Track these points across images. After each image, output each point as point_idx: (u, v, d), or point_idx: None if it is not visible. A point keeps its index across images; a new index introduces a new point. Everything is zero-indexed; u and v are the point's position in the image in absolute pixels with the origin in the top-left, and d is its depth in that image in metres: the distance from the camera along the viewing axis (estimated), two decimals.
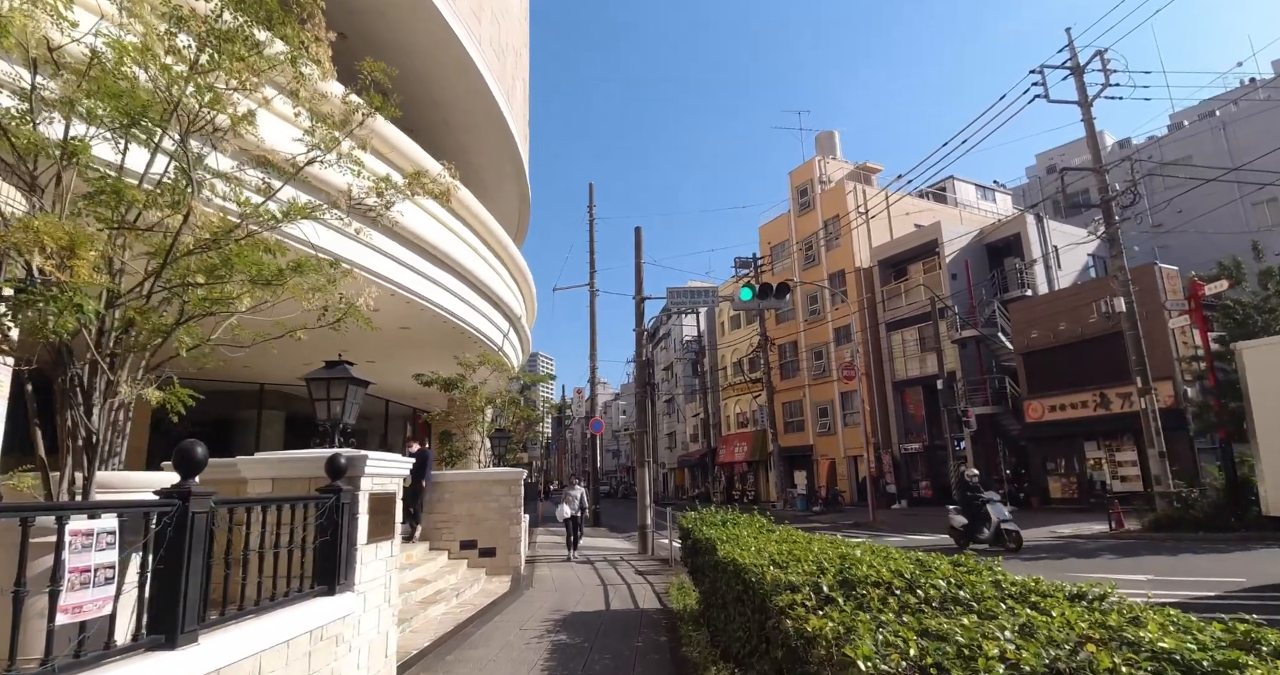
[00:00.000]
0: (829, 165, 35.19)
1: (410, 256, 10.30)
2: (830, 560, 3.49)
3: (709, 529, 6.24)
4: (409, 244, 10.25)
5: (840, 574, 3.03)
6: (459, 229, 11.73)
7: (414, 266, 10.39)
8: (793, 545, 4.61)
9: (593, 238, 26.43)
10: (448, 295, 11.65)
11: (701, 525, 6.73)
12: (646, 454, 14.30)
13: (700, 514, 7.68)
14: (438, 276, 11.18)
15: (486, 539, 11.02)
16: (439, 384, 12.34)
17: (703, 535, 5.93)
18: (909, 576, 2.93)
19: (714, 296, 15.32)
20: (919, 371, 29.34)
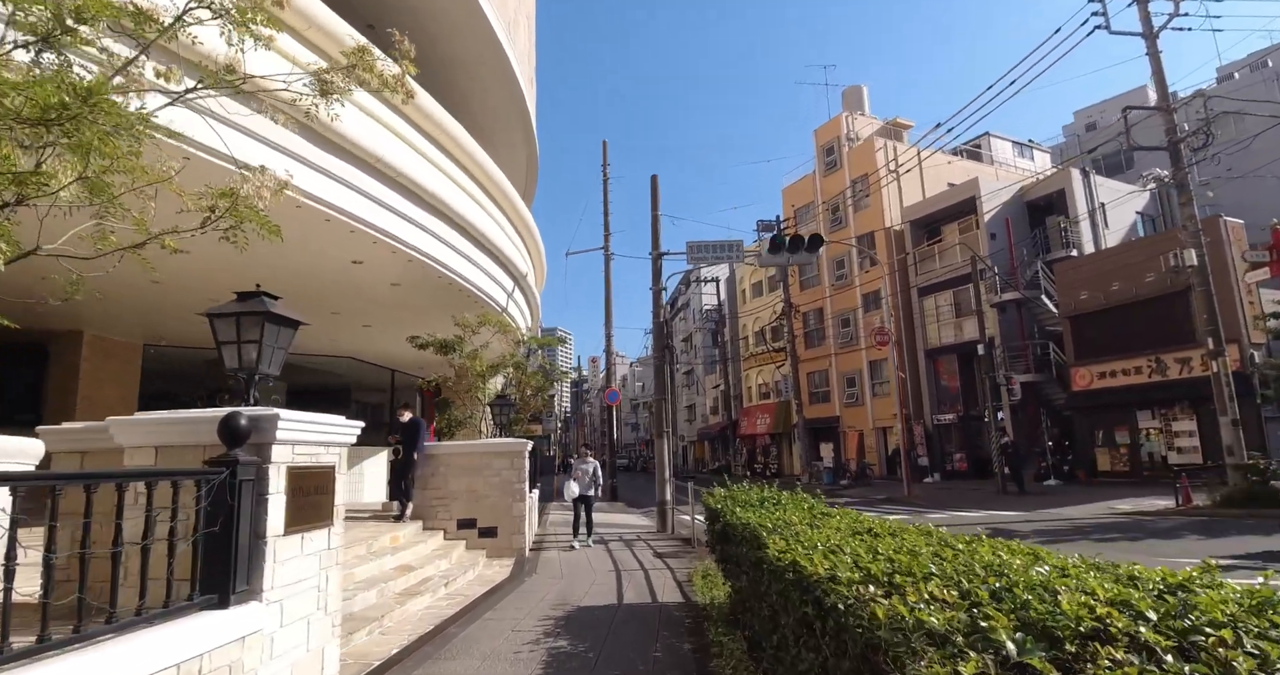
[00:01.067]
0: (857, 122, 33.22)
1: (395, 199, 8.98)
2: (969, 576, 2.13)
3: (745, 511, 4.92)
4: (393, 184, 8.92)
5: (1021, 611, 1.66)
6: (452, 171, 10.37)
7: (400, 210, 9.08)
8: (874, 539, 3.26)
9: (606, 198, 24.95)
10: (441, 246, 10.35)
11: (734, 506, 5.41)
12: (665, 423, 13.00)
13: (731, 491, 6.37)
14: (428, 223, 9.87)
15: (487, 517, 9.84)
16: (434, 346, 11.09)
17: (738, 520, 4.61)
18: (1159, 619, 1.56)
19: (738, 251, 13.86)
20: (953, 338, 27.71)
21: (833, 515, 4.54)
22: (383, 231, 8.77)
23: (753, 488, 6.74)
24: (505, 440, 10.26)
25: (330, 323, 14.09)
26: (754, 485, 6.83)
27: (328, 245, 8.99)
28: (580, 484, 10.87)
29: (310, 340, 16.07)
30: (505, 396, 10.63)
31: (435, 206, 9.98)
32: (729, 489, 6.49)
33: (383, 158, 8.37)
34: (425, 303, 12.46)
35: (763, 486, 6.84)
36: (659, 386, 13.33)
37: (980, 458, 26.67)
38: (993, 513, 15.29)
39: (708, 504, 6.29)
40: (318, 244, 8.87)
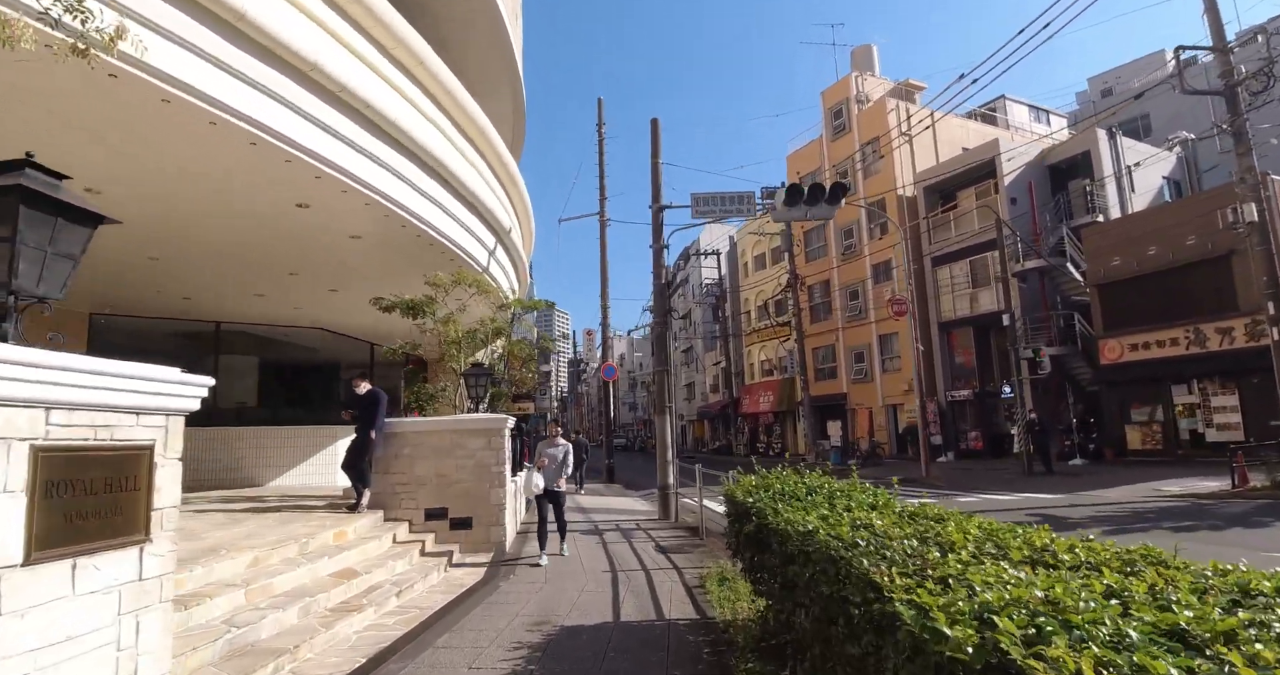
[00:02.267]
0: (867, 83, 31.38)
1: (341, 122, 7.36)
2: None
3: (794, 511, 3.41)
4: (339, 105, 7.30)
5: None
6: (418, 98, 8.73)
7: (349, 138, 7.47)
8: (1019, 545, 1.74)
9: (602, 160, 23.29)
10: (405, 189, 8.75)
11: (771, 500, 3.92)
12: (667, 397, 11.50)
13: (763, 478, 4.88)
14: (389, 159, 8.26)
15: (459, 506, 8.36)
16: (401, 308, 9.54)
17: (789, 526, 3.13)
18: None
19: (748, 204, 12.28)
20: (968, 310, 26.20)
21: (946, 519, 3.03)
22: (327, 162, 7.17)
23: (786, 471, 5.25)
24: (481, 416, 8.75)
25: (290, 286, 12.52)
26: (786, 468, 5.36)
27: (262, 181, 7.41)
28: (546, 474, 8.10)
29: (271, 308, 14.53)
30: (481, 365, 9.07)
31: (396, 139, 8.37)
32: (760, 474, 4.99)
33: (321, 65, 6.74)
34: (395, 260, 10.88)
35: (782, 468, 5.41)
36: (659, 357, 11.81)
37: (996, 436, 25.34)
38: (1028, 496, 13.88)
39: (733, 496, 4.78)
40: (250, 178, 7.28)
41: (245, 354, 17.35)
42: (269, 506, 8.75)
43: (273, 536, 6.29)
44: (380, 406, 8.23)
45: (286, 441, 14.91)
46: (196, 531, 6.60)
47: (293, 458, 14.67)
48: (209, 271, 11.40)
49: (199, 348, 16.39)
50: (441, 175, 9.55)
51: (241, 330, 16.50)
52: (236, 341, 16.97)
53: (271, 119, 6.37)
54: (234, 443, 14.38)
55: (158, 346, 16.63)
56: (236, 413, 16.06)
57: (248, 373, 17.44)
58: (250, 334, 16.78)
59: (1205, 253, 18.55)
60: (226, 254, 10.37)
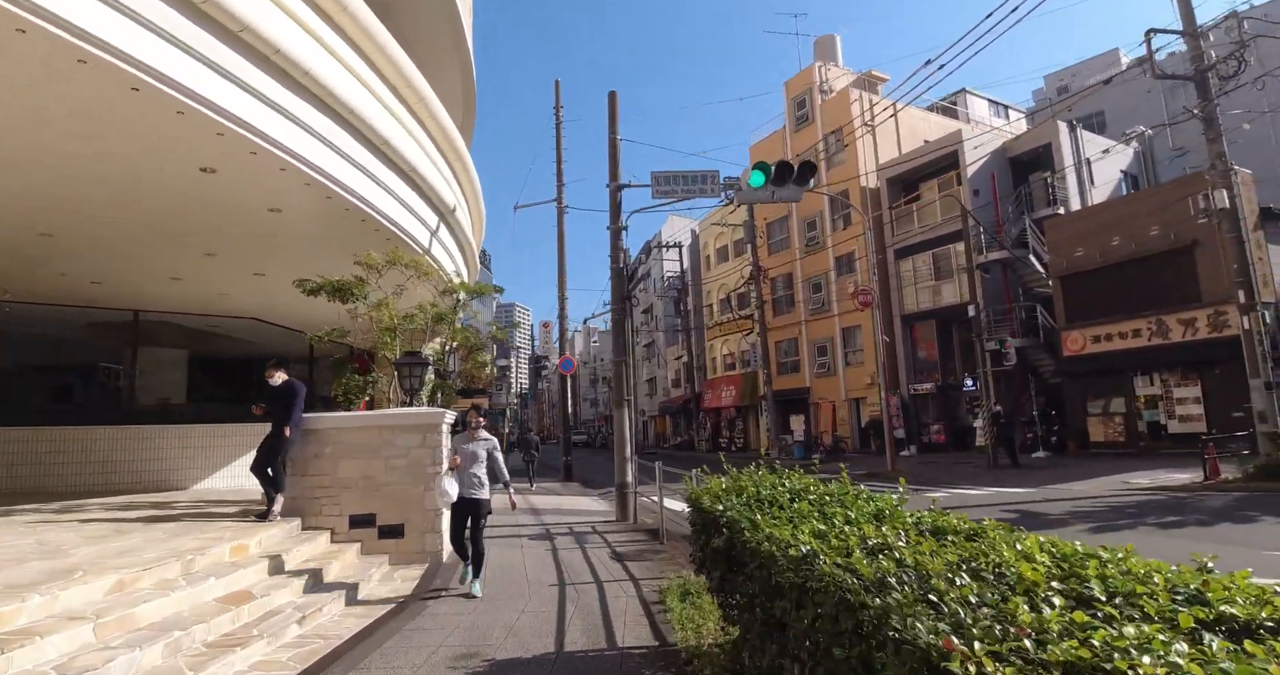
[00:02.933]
0: (830, 73, 30.95)
1: (247, 70, 6.33)
2: None
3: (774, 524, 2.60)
4: (243, 49, 6.26)
5: None
6: (343, 51, 7.71)
7: (257, 89, 6.45)
8: None
9: (560, 144, 22.31)
10: (331, 155, 7.75)
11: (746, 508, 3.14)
12: (625, 389, 10.67)
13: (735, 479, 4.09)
14: (309, 119, 7.26)
15: (390, 512, 7.40)
16: (327, 291, 8.51)
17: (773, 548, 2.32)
18: None
19: (712, 183, 11.52)
20: (931, 303, 25.96)
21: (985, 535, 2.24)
22: (230, 116, 6.14)
23: (760, 471, 4.47)
24: (415, 410, 7.79)
25: (209, 269, 11.35)
26: (759, 467, 4.58)
27: (155, 136, 6.35)
28: (462, 478, 6.24)
29: (194, 294, 13.31)
30: (416, 354, 8.09)
31: (318, 96, 7.36)
32: (731, 475, 4.20)
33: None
34: (324, 240, 9.83)
35: (756, 466, 4.65)
36: (618, 346, 10.96)
37: (959, 429, 25.16)
38: (998, 490, 13.43)
39: (698, 502, 3.98)
40: (138, 134, 6.22)
41: (172, 346, 16.01)
42: (170, 514, 7.68)
43: (153, 552, 5.29)
44: (296, 399, 7.22)
45: (215, 441, 13.67)
46: (64, 547, 5.56)
47: (221, 458, 13.45)
48: (113, 251, 10.19)
49: (116, 338, 15.03)
50: (373, 142, 8.55)
51: (165, 320, 15.19)
52: (161, 333, 15.63)
53: (157, 60, 5.35)
54: (154, 442, 13.12)
55: (69, 337, 15.22)
56: (160, 410, 14.77)
57: (174, 367, 16.09)
58: (176, 325, 15.47)
59: (1169, 244, 18.45)
60: (128, 230, 9.21)
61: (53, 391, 14.74)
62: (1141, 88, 36.19)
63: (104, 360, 15.32)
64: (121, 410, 14.02)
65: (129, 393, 14.49)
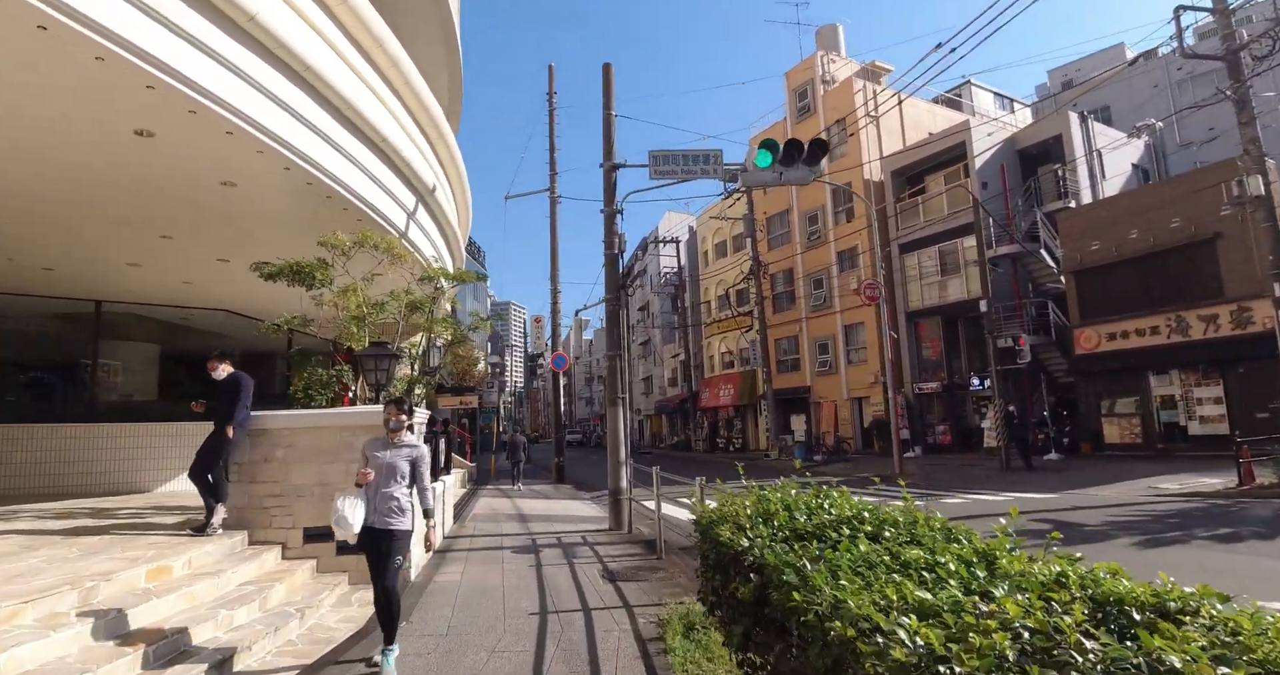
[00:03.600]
0: (832, 63, 30.08)
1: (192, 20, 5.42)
2: None
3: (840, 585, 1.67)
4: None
5: None
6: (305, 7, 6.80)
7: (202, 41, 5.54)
8: None
9: (553, 132, 21.42)
10: (287, 118, 6.84)
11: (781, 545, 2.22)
12: (620, 386, 9.77)
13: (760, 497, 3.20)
14: (262, 77, 6.35)
15: None
16: (285, 274, 7.59)
17: (854, 635, 1.36)
18: None
19: (715, 164, 10.62)
20: (937, 300, 25.11)
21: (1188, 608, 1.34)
22: (160, 65, 5.23)
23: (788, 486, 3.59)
24: (379, 408, 6.87)
25: (168, 254, 10.43)
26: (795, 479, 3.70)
27: (76, 91, 5.43)
28: (375, 501, 4.51)
29: (156, 283, 12.39)
30: (383, 344, 7.16)
31: (270, 49, 6.44)
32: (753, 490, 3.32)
33: None
34: (288, 220, 8.92)
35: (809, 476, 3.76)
36: (611, 338, 10.06)
37: (965, 430, 24.35)
38: (1018, 495, 12.58)
39: (713, 532, 3.07)
40: (57, 85, 5.31)
41: (144, 341, 15.08)
42: (102, 525, 6.75)
43: (50, 577, 4.37)
44: (241, 395, 6.31)
45: (184, 440, 12.71)
46: None
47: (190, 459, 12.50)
48: (59, 234, 9.29)
49: (77, 332, 14.09)
50: (338, 108, 7.63)
51: (131, 312, 14.26)
52: (131, 326, 14.71)
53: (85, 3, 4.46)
54: (117, 441, 12.20)
55: (26, 329, 14.29)
56: (126, 407, 13.87)
57: (145, 362, 15.16)
58: (145, 318, 14.55)
59: (1189, 236, 17.63)
60: (67, 208, 8.29)
61: (8, 386, 13.82)
62: (1148, 83, 35.47)
63: (67, 354, 14.41)
64: (84, 407, 13.10)
65: (90, 388, 13.57)
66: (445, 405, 23.89)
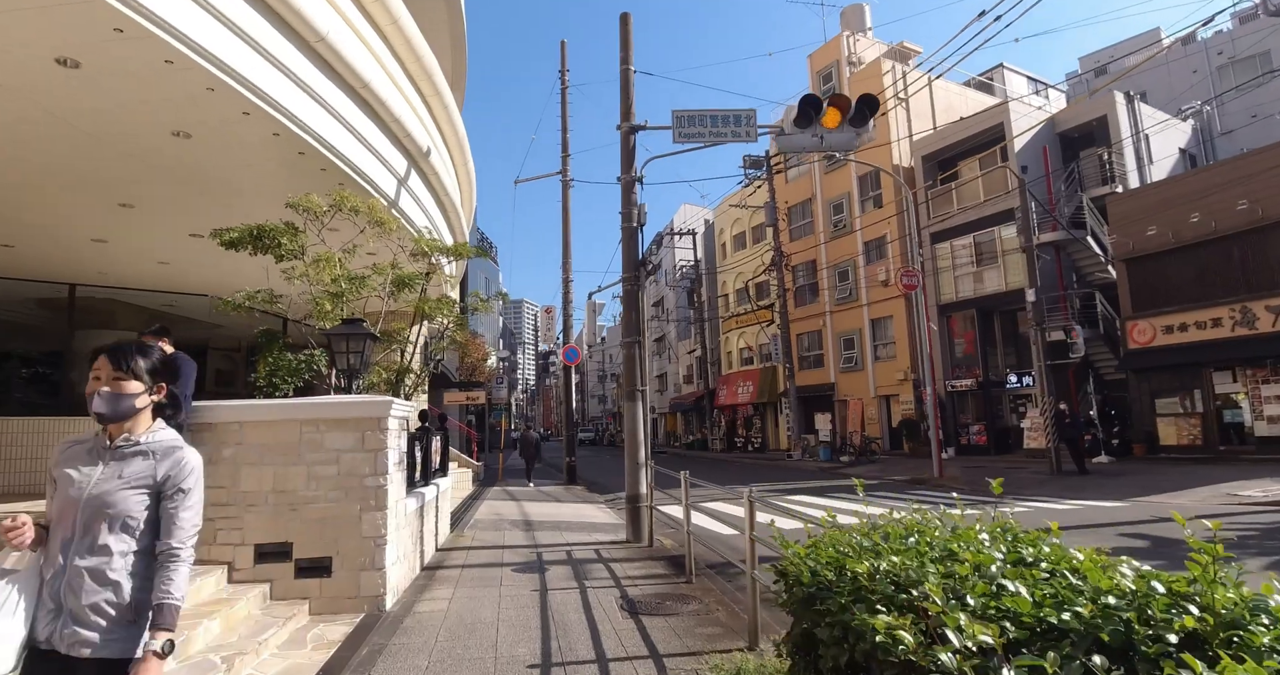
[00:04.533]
0: (858, 44, 28.67)
1: None
2: None
3: None
4: None
5: None
6: None
7: None
8: None
9: (565, 111, 20.19)
10: (245, 50, 5.67)
11: None
12: (639, 377, 8.55)
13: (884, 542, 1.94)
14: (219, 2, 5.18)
15: (313, 541, 5.30)
16: (247, 241, 6.41)
17: None
18: None
19: (748, 125, 9.35)
20: (971, 292, 23.69)
21: None
22: None
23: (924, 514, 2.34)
24: (349, 399, 5.67)
25: (132, 227, 9.35)
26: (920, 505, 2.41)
27: None
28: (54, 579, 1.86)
29: (126, 263, 11.34)
30: (357, 321, 5.94)
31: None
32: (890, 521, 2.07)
33: None
34: (257, 181, 7.79)
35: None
36: (629, 323, 8.82)
37: (1001, 430, 22.91)
38: (1084, 503, 11.22)
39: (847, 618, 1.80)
40: None
41: (129, 330, 14.03)
42: None
43: None
44: (180, 383, 5.13)
45: None
46: None
47: None
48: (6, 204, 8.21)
49: (53, 318, 13.09)
50: (309, 42, 6.44)
51: (111, 297, 13.23)
52: (111, 313, 13.69)
53: None
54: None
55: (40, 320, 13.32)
56: None
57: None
58: (124, 303, 13.51)
59: (1258, 220, 16.15)
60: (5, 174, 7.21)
61: None
62: (1186, 68, 33.83)
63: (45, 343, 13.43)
64: (67, 402, 12.05)
65: (64, 380, 12.56)
66: (451, 401, 22.81)
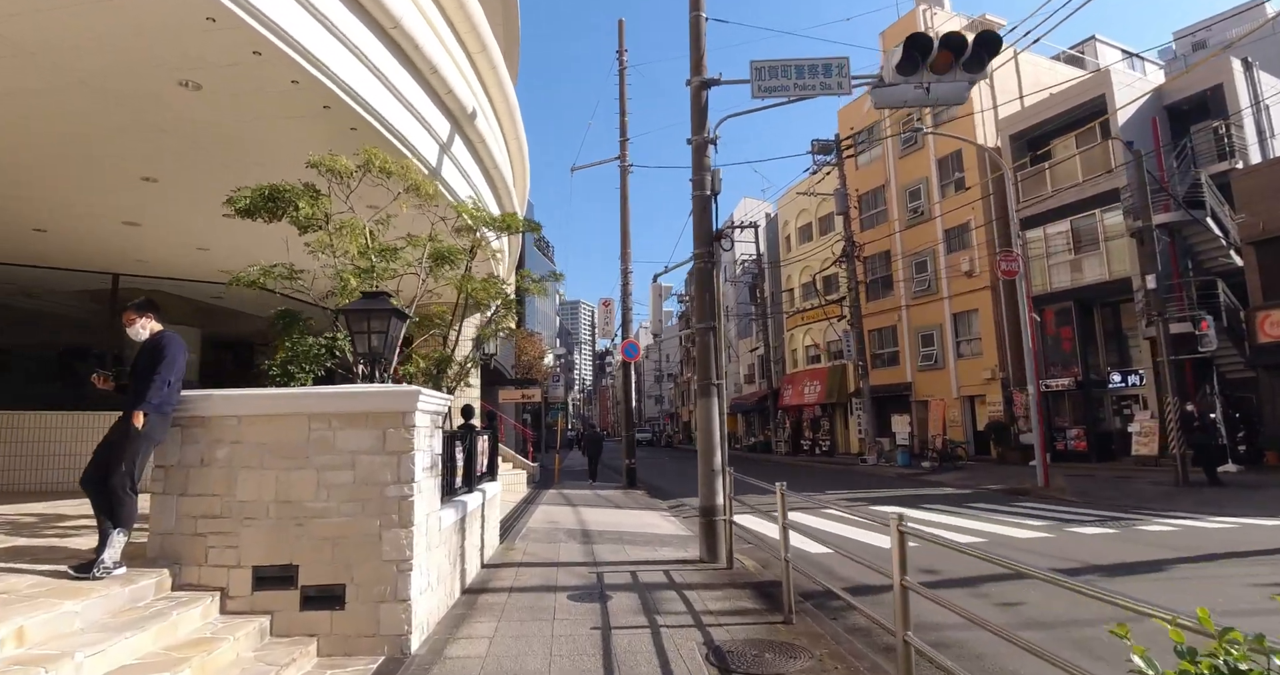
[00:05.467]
0: (935, 18, 26.73)
1: None
2: None
3: None
4: None
5: None
6: None
7: None
8: None
9: (623, 93, 19.12)
10: None
11: None
12: (714, 369, 7.32)
13: None
14: None
15: (322, 564, 4.27)
16: (258, 205, 5.46)
17: None
18: None
19: (840, 76, 8.01)
20: (1068, 282, 21.58)
21: None
22: None
23: None
24: (369, 388, 4.62)
25: (163, 206, 8.69)
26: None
27: None
28: None
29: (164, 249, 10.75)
30: (382, 295, 4.88)
31: None
32: None
33: None
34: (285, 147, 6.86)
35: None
36: (702, 305, 7.60)
37: (1102, 434, 20.74)
38: (1240, 521, 9.45)
39: None
40: None
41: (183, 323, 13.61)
42: None
43: None
44: (164, 365, 4.18)
45: None
46: None
47: None
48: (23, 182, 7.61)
49: (99, 310, 12.68)
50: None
51: (157, 289, 12.75)
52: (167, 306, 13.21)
53: None
54: None
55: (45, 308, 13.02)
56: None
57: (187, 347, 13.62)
58: (172, 295, 13.05)
59: None
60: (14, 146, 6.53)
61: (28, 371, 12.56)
62: None
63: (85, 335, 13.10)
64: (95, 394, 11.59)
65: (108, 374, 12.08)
66: (506, 399, 22.00)
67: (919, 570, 6.92)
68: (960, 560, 6.60)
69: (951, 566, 6.89)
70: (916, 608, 5.09)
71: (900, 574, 3.07)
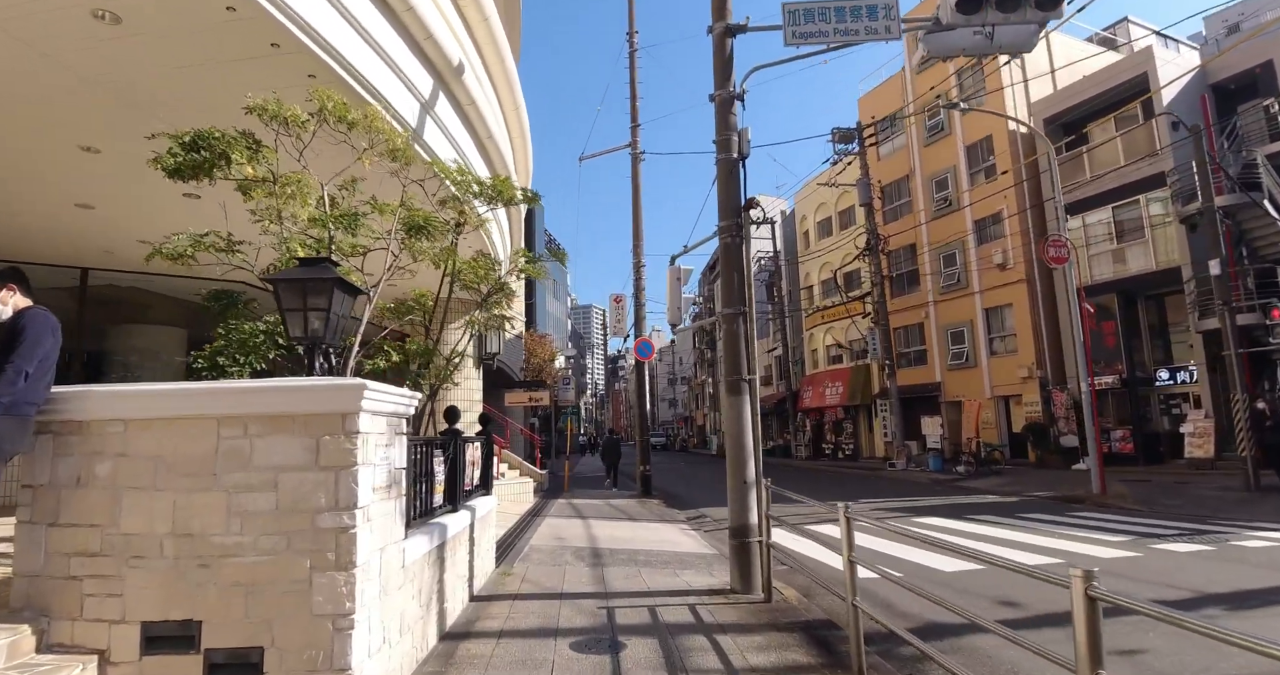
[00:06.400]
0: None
1: None
2: None
3: None
4: None
5: None
6: None
7: None
8: None
9: (634, 77, 18.05)
10: None
11: None
12: (744, 362, 6.19)
13: None
14: None
15: (234, 621, 3.15)
16: (183, 159, 4.39)
17: None
18: None
19: (885, 17, 6.88)
20: (1110, 273, 20.26)
21: None
22: None
23: None
24: (300, 382, 3.51)
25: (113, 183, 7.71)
26: None
27: None
28: None
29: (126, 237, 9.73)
30: (323, 261, 3.78)
31: None
32: None
33: None
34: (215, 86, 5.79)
35: None
36: (731, 291, 6.46)
37: (1151, 435, 19.36)
38: None
39: None
40: None
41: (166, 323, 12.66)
42: None
43: None
44: (22, 352, 3.11)
45: None
46: None
47: None
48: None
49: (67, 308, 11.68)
50: None
51: (135, 285, 11.82)
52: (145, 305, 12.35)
53: None
54: None
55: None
56: None
57: (173, 349, 12.65)
58: (152, 293, 12.12)
59: None
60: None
61: None
62: None
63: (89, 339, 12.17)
64: None
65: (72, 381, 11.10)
66: (513, 402, 20.88)
67: (990, 599, 5.74)
68: (1041, 588, 5.43)
69: (1026, 595, 5.72)
70: (999, 654, 3.96)
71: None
